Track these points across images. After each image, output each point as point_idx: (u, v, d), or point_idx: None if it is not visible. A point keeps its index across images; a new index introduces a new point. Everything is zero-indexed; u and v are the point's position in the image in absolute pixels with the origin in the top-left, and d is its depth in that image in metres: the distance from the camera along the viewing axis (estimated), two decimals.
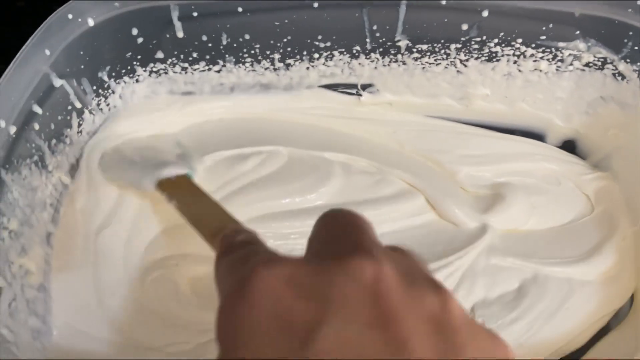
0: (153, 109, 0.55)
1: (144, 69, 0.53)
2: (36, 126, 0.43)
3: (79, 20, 0.46)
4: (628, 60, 0.49)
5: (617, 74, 0.51)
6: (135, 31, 0.50)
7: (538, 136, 0.58)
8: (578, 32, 0.50)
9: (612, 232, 0.50)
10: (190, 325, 0.44)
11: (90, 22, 0.46)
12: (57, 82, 0.45)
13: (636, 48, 0.48)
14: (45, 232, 0.45)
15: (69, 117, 0.48)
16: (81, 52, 0.47)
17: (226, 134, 0.55)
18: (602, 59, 0.51)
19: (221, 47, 0.52)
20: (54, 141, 0.46)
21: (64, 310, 0.44)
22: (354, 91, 0.57)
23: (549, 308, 0.46)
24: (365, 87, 0.57)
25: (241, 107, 0.57)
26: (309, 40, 0.52)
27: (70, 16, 0.45)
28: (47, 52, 0.44)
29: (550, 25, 0.49)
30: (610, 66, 0.51)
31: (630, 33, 0.48)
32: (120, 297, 0.45)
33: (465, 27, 0.51)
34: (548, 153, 0.56)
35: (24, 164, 0.42)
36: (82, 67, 0.48)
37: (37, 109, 0.43)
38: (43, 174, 0.45)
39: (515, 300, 0.46)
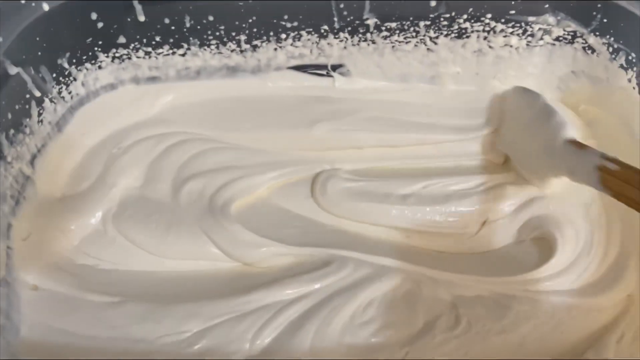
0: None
1: (106, 54, 0.51)
2: None
3: (33, 4, 0.44)
4: (597, 33, 0.49)
5: (587, 48, 0.50)
6: (94, 15, 0.48)
7: None
8: (547, 6, 0.49)
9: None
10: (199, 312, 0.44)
11: (45, 7, 0.45)
12: (13, 70, 0.44)
13: (605, 21, 0.48)
14: (7, 224, 0.43)
15: (27, 106, 0.46)
16: (37, 38, 0.45)
17: None
18: (572, 33, 0.50)
19: (185, 29, 0.50)
20: (12, 131, 0.44)
21: (36, 309, 0.43)
22: (324, 72, 0.56)
23: (541, 326, 0.45)
24: (335, 67, 0.56)
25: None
26: (275, 20, 0.51)
27: (22, 0, 0.43)
28: (0, 39, 0.42)
29: None
30: (580, 40, 0.50)
31: (599, 6, 0.47)
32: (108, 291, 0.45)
33: (433, 3, 0.50)
34: None
35: None
36: (40, 53, 0.46)
37: None
38: (1, 165, 0.43)
39: (500, 308, 0.45)
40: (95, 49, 0.51)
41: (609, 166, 0.41)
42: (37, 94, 0.47)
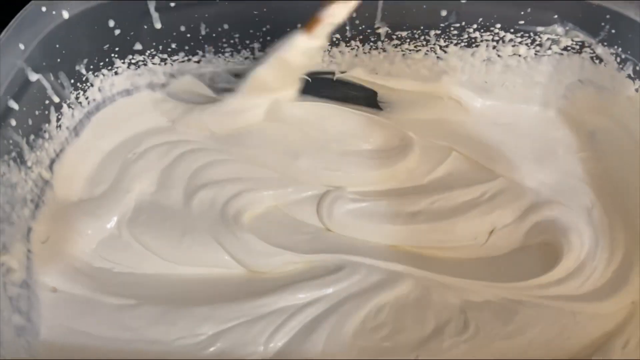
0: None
1: (122, 61, 0.52)
2: (13, 122, 0.43)
3: (53, 12, 0.45)
4: (605, 43, 0.50)
5: (594, 57, 0.51)
6: (111, 23, 0.49)
7: None
8: (556, 17, 0.50)
9: None
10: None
11: (65, 15, 0.46)
12: (33, 77, 0.45)
13: (613, 31, 0.49)
14: (27, 228, 0.45)
15: (47, 112, 0.47)
16: (57, 46, 0.47)
17: None
18: (579, 43, 0.51)
19: (200, 37, 0.52)
20: (32, 137, 0.45)
21: (55, 311, 0.44)
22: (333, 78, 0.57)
23: (547, 331, 0.45)
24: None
25: None
26: (288, 29, 0.51)
27: (44, 9, 0.45)
28: (22, 46, 0.43)
29: (529, 10, 0.50)
30: (588, 50, 0.51)
31: (608, 16, 0.48)
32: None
33: (444, 13, 0.51)
34: None
35: (2, 160, 0.41)
36: (59, 60, 0.47)
37: (13, 105, 0.43)
38: (22, 170, 0.44)
39: (507, 312, 0.46)
40: (112, 55, 0.52)
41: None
42: (56, 99, 0.48)
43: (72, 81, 0.50)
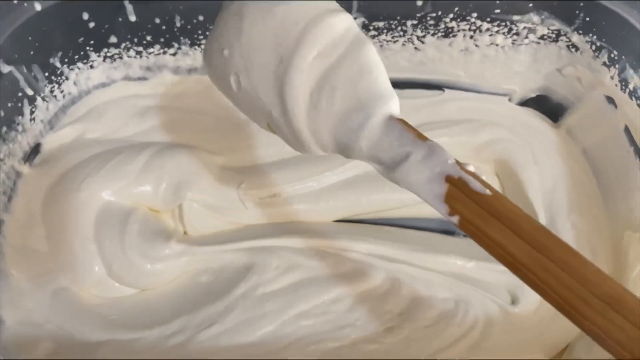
0: None
1: (97, 54, 0.52)
2: None
3: (25, 4, 0.45)
4: (580, 31, 0.50)
5: (571, 46, 0.51)
6: (86, 15, 0.49)
7: None
8: (531, 5, 0.50)
9: None
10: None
11: (38, 7, 0.46)
12: (5, 69, 0.44)
13: (587, 19, 0.49)
14: None
15: (20, 104, 0.47)
16: (30, 38, 0.46)
17: None
18: (556, 31, 0.51)
19: (175, 29, 0.51)
20: (4, 129, 0.45)
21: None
22: None
23: None
24: None
25: None
26: None
27: (15, 1, 0.44)
28: None
29: None
30: (564, 38, 0.51)
31: (582, 4, 0.48)
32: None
33: (419, 3, 0.50)
34: None
35: None
36: (32, 53, 0.47)
37: None
38: None
39: None
40: (87, 48, 0.51)
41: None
42: (30, 92, 0.48)
43: (47, 74, 0.49)
